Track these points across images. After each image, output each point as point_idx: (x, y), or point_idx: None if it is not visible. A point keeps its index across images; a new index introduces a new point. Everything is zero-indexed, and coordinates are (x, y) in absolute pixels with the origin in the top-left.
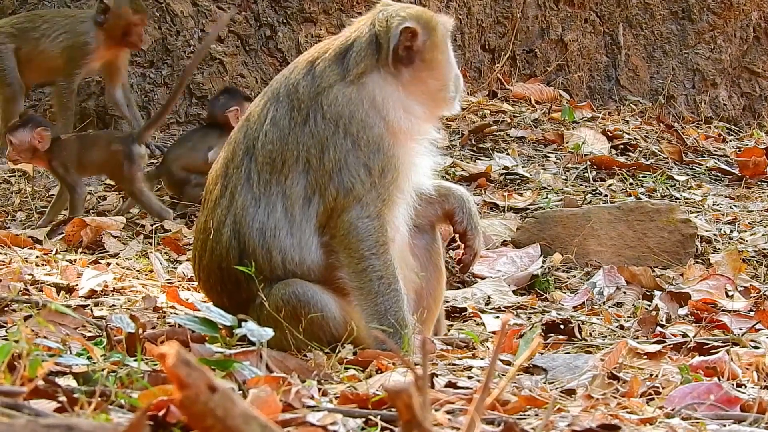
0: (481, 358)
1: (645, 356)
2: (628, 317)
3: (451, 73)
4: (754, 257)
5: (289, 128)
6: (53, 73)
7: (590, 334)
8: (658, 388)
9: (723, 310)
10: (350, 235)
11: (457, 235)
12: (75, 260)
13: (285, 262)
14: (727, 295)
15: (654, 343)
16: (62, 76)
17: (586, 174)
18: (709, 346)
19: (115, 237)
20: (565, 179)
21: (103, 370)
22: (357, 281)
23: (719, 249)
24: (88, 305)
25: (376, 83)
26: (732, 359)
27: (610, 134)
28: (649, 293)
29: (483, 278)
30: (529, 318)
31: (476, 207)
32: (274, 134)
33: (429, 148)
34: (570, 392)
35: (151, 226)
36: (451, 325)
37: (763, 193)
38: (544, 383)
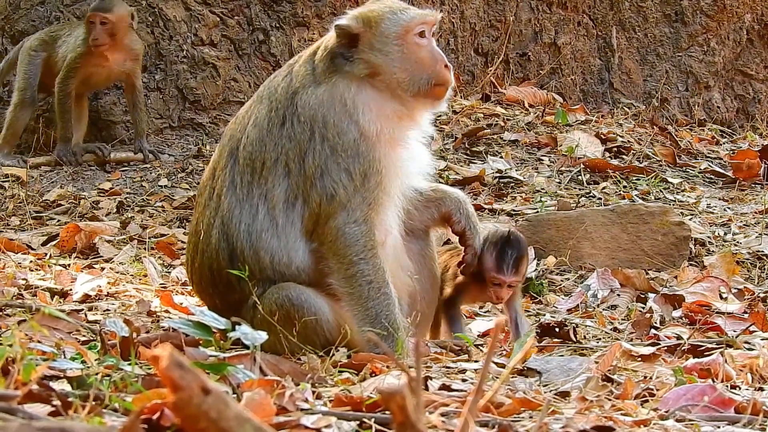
0: (475, 361)
1: (639, 358)
2: (622, 320)
3: (406, 70)
4: (747, 259)
5: (267, 129)
6: None
7: (584, 336)
8: (652, 390)
9: (717, 313)
10: (338, 241)
11: (456, 238)
12: (69, 265)
13: (274, 263)
14: (721, 298)
15: (648, 345)
16: (59, 80)
17: (579, 177)
18: (703, 348)
19: (108, 242)
20: (559, 182)
21: (97, 374)
22: (347, 286)
23: (713, 251)
24: (82, 310)
25: (344, 84)
26: (726, 361)
27: (603, 137)
28: (643, 296)
29: None
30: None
31: (473, 209)
32: (255, 135)
33: (421, 150)
34: (564, 394)
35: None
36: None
37: (756, 195)
38: (539, 385)
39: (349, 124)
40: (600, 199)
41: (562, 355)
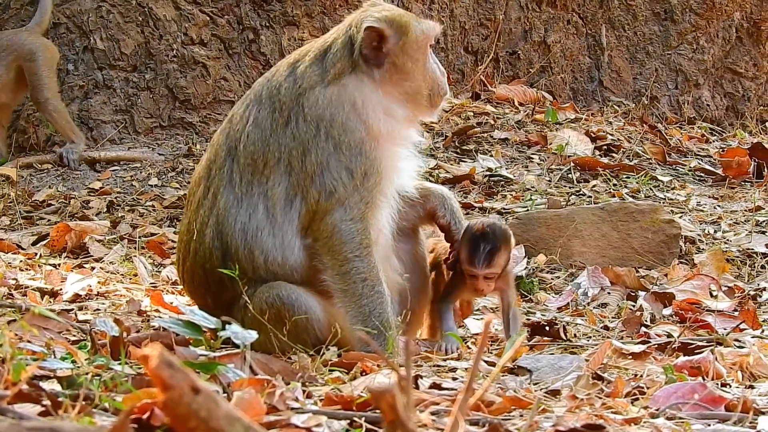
0: (466, 360)
1: (630, 356)
2: (613, 318)
3: (427, 78)
4: (737, 257)
5: (270, 130)
6: None
7: (575, 334)
8: (642, 388)
9: (707, 310)
10: (333, 237)
11: (443, 234)
12: (59, 265)
13: (267, 263)
14: (712, 295)
15: (638, 343)
16: None
17: (569, 175)
18: (693, 346)
19: (99, 241)
20: (549, 180)
21: (87, 373)
22: (341, 283)
23: (703, 249)
24: (73, 309)
25: (355, 85)
26: (716, 359)
27: (593, 135)
28: (633, 294)
29: None
30: None
31: (458, 204)
32: (256, 135)
33: (411, 151)
34: (555, 393)
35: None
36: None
37: (746, 193)
38: (529, 384)
39: (357, 123)
40: (590, 197)
41: (552, 354)
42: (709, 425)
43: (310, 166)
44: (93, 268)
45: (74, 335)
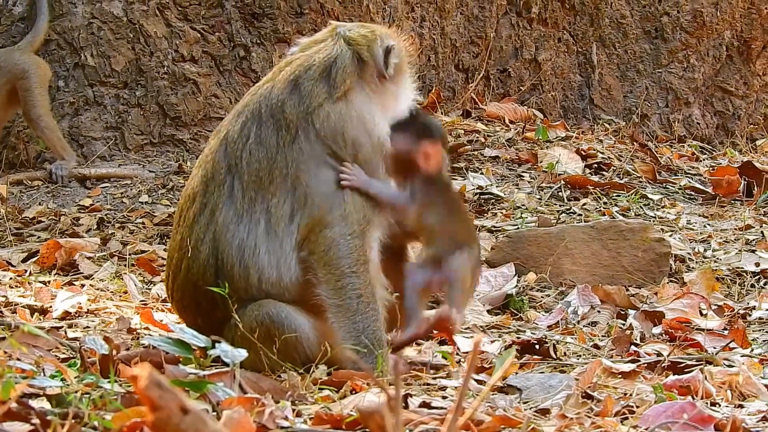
0: (456, 378)
1: (619, 375)
2: (603, 336)
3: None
4: (727, 276)
5: (277, 147)
6: None
7: (564, 353)
8: (632, 407)
9: (697, 329)
10: (331, 251)
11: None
12: (49, 282)
13: (261, 281)
14: (701, 314)
15: (628, 362)
16: None
17: (560, 193)
18: (683, 364)
19: (89, 258)
20: (539, 198)
21: (76, 391)
22: (336, 298)
23: (693, 268)
24: (62, 327)
25: (363, 100)
26: (706, 378)
27: (583, 153)
28: (623, 312)
29: None
30: (501, 337)
31: None
32: (261, 153)
33: None
34: (544, 412)
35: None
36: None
37: (736, 211)
38: (519, 403)
39: (365, 137)
40: (580, 215)
41: (542, 372)
42: None
43: (315, 181)
44: (83, 286)
45: (64, 353)
